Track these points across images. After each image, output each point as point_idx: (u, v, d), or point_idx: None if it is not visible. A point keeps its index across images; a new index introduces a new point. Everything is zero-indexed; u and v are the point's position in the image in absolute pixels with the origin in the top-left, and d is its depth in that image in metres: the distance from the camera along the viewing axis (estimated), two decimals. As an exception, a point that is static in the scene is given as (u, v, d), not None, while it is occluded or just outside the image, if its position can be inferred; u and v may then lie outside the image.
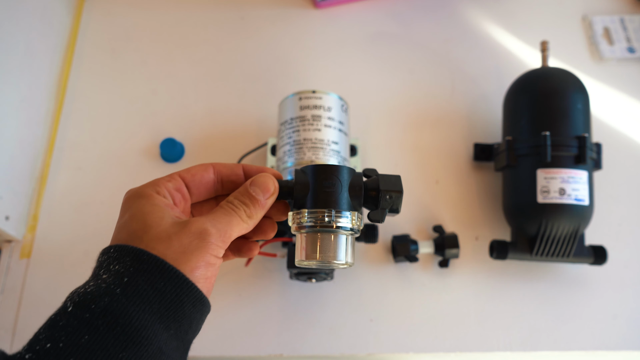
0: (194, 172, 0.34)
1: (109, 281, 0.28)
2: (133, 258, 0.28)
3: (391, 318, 0.55)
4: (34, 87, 0.63)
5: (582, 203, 0.52)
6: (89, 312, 0.27)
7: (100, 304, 0.27)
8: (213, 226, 0.31)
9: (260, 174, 0.35)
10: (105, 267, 0.29)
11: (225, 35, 0.72)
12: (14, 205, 0.58)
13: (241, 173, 0.36)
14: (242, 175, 0.36)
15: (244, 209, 0.33)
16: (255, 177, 0.34)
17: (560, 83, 0.56)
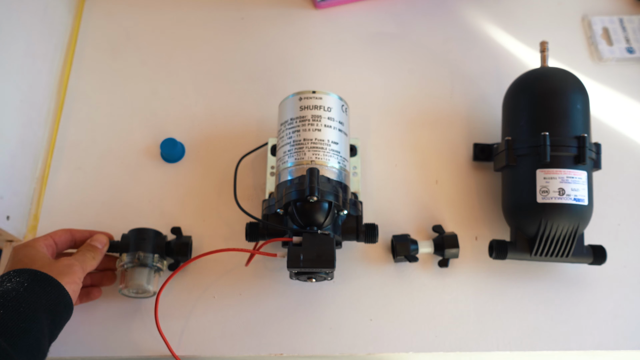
0: (60, 234, 0.53)
1: (15, 287, 0.43)
2: (30, 274, 0.45)
3: (391, 318, 0.55)
4: (35, 87, 0.63)
5: (582, 203, 0.52)
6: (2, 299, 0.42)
7: (10, 295, 0.42)
8: (76, 260, 0.50)
9: (98, 234, 0.54)
10: (7, 280, 0.44)
11: (226, 35, 0.72)
12: (15, 205, 0.58)
13: (88, 235, 0.54)
14: (89, 236, 0.54)
15: (91, 253, 0.52)
16: (95, 235, 0.54)
17: (560, 83, 0.56)
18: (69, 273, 0.48)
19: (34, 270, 0.46)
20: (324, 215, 0.50)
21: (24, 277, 0.45)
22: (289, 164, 0.53)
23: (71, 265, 0.48)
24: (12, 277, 0.45)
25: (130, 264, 0.52)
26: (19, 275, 0.45)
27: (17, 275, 0.45)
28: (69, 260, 0.49)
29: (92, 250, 0.52)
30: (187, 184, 0.62)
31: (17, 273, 0.45)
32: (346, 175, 0.54)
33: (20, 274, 0.45)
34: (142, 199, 0.61)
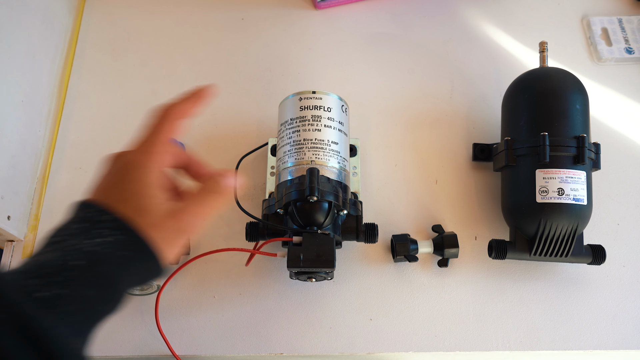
0: (177, 157, 0.39)
1: (107, 253, 0.31)
2: (135, 243, 0.32)
3: (391, 317, 0.55)
4: (35, 88, 0.63)
5: (581, 203, 0.52)
6: (96, 271, 0.31)
7: (103, 269, 0.31)
8: (196, 217, 0.35)
9: (226, 172, 0.38)
10: (99, 229, 0.32)
11: (226, 36, 0.72)
12: (16, 205, 0.58)
13: (201, 168, 0.40)
14: (202, 170, 0.40)
15: (217, 203, 0.37)
16: (222, 173, 0.38)
17: (559, 83, 0.56)
18: (178, 245, 0.34)
19: (140, 239, 0.32)
20: (324, 215, 0.50)
21: (125, 243, 0.32)
22: (289, 164, 0.53)
23: (184, 233, 0.35)
24: (108, 230, 0.32)
25: None
26: (119, 232, 0.32)
27: (117, 231, 0.32)
28: (188, 217, 0.35)
29: (220, 198, 0.37)
30: (187, 184, 0.62)
31: (118, 227, 0.32)
32: (346, 175, 0.54)
33: (121, 230, 0.32)
34: (142, 199, 0.61)
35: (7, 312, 0.27)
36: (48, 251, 0.32)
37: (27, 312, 0.27)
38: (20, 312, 0.27)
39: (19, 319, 0.27)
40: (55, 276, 0.30)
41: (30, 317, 0.27)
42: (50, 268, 0.30)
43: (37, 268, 0.30)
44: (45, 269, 0.30)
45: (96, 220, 0.33)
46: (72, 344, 0.29)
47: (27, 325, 0.27)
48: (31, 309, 0.28)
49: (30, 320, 0.27)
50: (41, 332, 0.27)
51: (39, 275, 0.30)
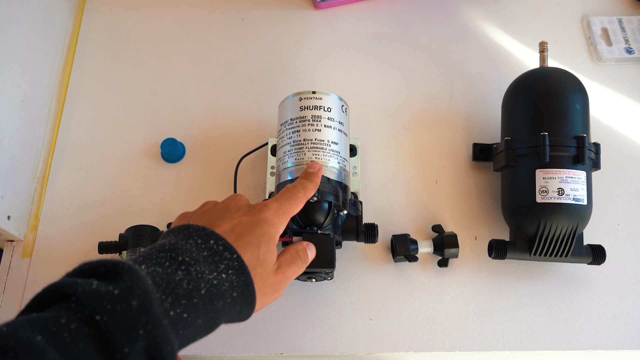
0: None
1: (226, 290, 0.35)
2: (244, 285, 0.36)
3: (391, 317, 0.55)
4: (36, 88, 0.63)
5: (581, 203, 0.52)
6: (212, 304, 0.34)
7: (217, 305, 0.34)
8: (284, 284, 0.41)
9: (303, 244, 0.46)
10: (225, 263, 0.35)
11: (226, 36, 0.72)
12: (16, 205, 0.58)
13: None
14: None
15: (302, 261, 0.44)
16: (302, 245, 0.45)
17: (559, 83, 0.56)
18: (270, 298, 0.39)
19: (252, 289, 0.36)
20: (324, 215, 0.50)
21: (238, 286, 0.35)
22: (289, 164, 0.53)
23: (281, 286, 0.40)
24: (230, 269, 0.35)
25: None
26: (237, 275, 0.35)
27: (236, 272, 0.35)
28: (284, 278, 0.40)
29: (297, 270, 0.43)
30: (188, 184, 0.62)
31: (238, 270, 0.35)
32: (346, 175, 0.54)
33: (241, 274, 0.35)
34: (142, 199, 0.61)
35: (150, 325, 0.28)
36: (176, 269, 0.33)
37: (164, 334, 0.29)
38: (159, 332, 0.29)
39: (156, 338, 0.28)
40: (182, 299, 0.32)
41: (165, 339, 0.29)
42: (180, 290, 0.32)
43: (168, 285, 0.32)
44: (177, 290, 0.32)
45: (220, 255, 0.35)
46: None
47: (159, 347, 0.28)
48: (166, 331, 0.29)
49: (165, 343, 0.29)
50: (167, 357, 0.29)
51: (171, 293, 0.31)
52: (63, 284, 0.29)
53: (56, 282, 0.30)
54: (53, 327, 0.27)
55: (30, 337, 0.26)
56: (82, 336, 0.27)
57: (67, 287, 0.29)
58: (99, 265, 0.31)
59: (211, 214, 0.41)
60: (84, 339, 0.27)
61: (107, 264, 0.31)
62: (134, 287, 0.29)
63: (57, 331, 0.27)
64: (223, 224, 0.38)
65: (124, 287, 0.29)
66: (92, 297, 0.28)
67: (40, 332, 0.26)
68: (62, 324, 0.27)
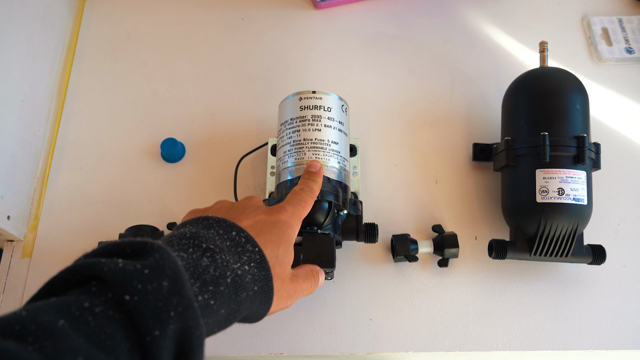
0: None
1: (247, 281, 0.33)
2: (264, 279, 0.35)
3: (391, 317, 0.55)
4: (35, 88, 0.63)
5: (581, 203, 0.52)
6: (236, 295, 0.33)
7: (241, 295, 0.33)
8: (298, 295, 0.41)
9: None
10: (248, 255, 0.34)
11: (226, 35, 0.72)
12: (16, 204, 0.58)
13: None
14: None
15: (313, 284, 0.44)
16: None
17: (559, 83, 0.56)
18: (287, 305, 0.39)
19: (271, 284, 0.36)
20: (324, 215, 0.50)
21: (259, 280, 0.35)
22: (289, 163, 0.53)
23: (293, 299, 0.40)
24: (253, 262, 0.34)
25: None
26: (259, 269, 0.35)
27: (258, 266, 0.35)
28: (300, 287, 0.41)
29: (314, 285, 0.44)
30: (188, 184, 0.62)
31: (260, 264, 0.35)
32: (346, 175, 0.54)
33: (262, 268, 0.35)
34: (142, 199, 0.61)
35: (181, 307, 0.27)
36: (201, 255, 0.32)
37: (195, 317, 0.27)
38: (190, 315, 0.27)
39: (187, 321, 0.27)
40: (210, 285, 0.31)
41: (196, 323, 0.27)
42: (208, 275, 0.31)
43: (195, 270, 0.30)
44: (204, 275, 0.31)
45: (242, 246, 0.35)
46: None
47: (190, 331, 0.27)
48: (197, 314, 0.28)
49: (195, 327, 0.27)
50: (196, 342, 0.27)
51: (199, 278, 0.30)
52: (85, 264, 0.27)
53: (75, 263, 0.28)
54: (76, 310, 0.25)
55: (52, 321, 0.24)
56: (107, 319, 0.25)
57: (90, 267, 0.27)
58: (124, 245, 0.29)
59: (228, 211, 0.40)
60: (110, 323, 0.25)
61: (134, 243, 0.29)
62: (164, 266, 0.27)
63: (81, 315, 0.25)
64: (244, 219, 0.38)
65: (154, 266, 0.27)
66: (121, 276, 0.26)
67: (62, 316, 0.25)
68: (85, 307, 0.25)
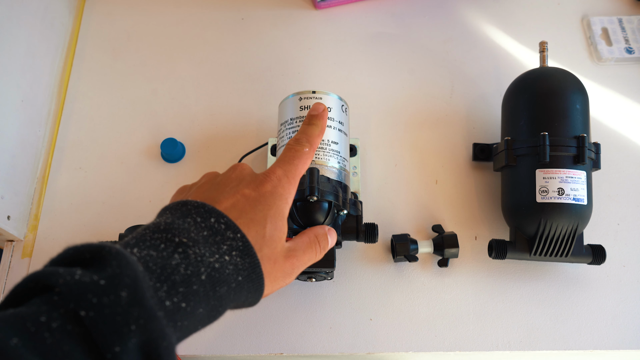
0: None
1: (230, 274, 0.31)
2: (250, 267, 0.32)
3: (391, 317, 0.55)
4: (35, 88, 0.63)
5: (581, 203, 0.52)
6: (214, 291, 0.30)
7: (221, 291, 0.31)
8: (298, 269, 0.37)
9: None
10: (226, 246, 0.32)
11: (226, 36, 0.73)
12: (16, 205, 0.58)
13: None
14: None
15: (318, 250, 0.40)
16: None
17: (559, 83, 0.56)
18: (284, 283, 0.36)
19: (259, 271, 0.33)
20: (324, 215, 0.50)
21: (244, 269, 0.32)
22: (289, 163, 0.53)
23: (291, 276, 0.37)
24: (233, 250, 0.32)
25: None
26: (242, 256, 0.32)
27: (241, 254, 0.32)
28: (297, 262, 0.37)
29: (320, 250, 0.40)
30: (188, 184, 0.62)
31: (243, 251, 0.32)
32: (346, 175, 0.54)
33: (245, 255, 0.32)
34: (142, 199, 0.61)
35: (143, 319, 0.25)
36: (172, 252, 0.29)
37: (160, 328, 0.26)
38: (154, 326, 0.26)
39: (151, 334, 0.25)
40: (180, 286, 0.28)
41: (162, 334, 0.26)
42: (177, 276, 0.28)
43: (163, 271, 0.28)
44: (173, 276, 0.28)
45: (222, 234, 0.32)
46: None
47: (155, 343, 0.25)
48: (162, 324, 0.26)
49: (161, 338, 0.26)
50: (165, 353, 0.26)
51: (167, 280, 0.28)
52: (43, 273, 0.25)
53: (37, 271, 0.26)
54: (32, 326, 0.23)
55: (4, 339, 0.22)
56: (65, 335, 0.24)
57: (48, 277, 0.25)
58: (83, 249, 0.27)
59: (210, 188, 0.37)
60: (69, 339, 0.24)
61: (92, 248, 0.27)
62: (122, 274, 0.25)
63: (37, 331, 0.23)
64: (224, 200, 0.35)
65: (111, 276, 0.25)
66: (75, 289, 0.24)
67: (16, 333, 0.23)
68: (42, 322, 0.24)
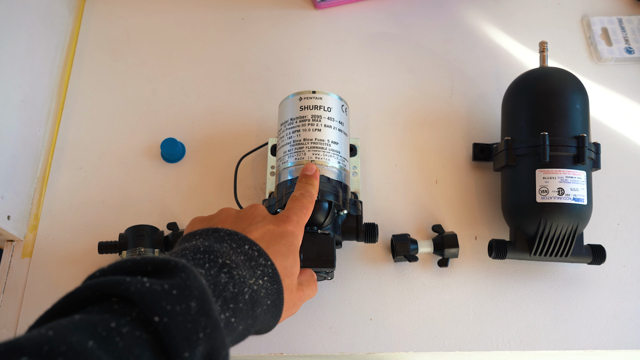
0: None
1: (264, 297, 0.34)
2: (276, 293, 0.35)
3: (391, 317, 0.55)
4: (36, 88, 0.63)
5: (581, 202, 0.52)
6: (253, 310, 0.33)
7: (257, 310, 0.33)
8: (302, 302, 0.41)
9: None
10: (260, 269, 0.35)
11: (226, 36, 0.73)
12: (16, 204, 0.58)
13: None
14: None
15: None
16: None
17: (559, 83, 0.56)
18: (290, 312, 0.39)
19: (282, 297, 0.36)
20: (324, 215, 0.50)
21: (272, 294, 0.35)
22: (289, 163, 0.53)
23: (298, 306, 0.40)
24: (266, 276, 0.35)
25: None
26: (271, 282, 0.35)
27: (271, 280, 0.35)
28: (305, 295, 0.41)
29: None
30: (188, 184, 0.62)
31: (273, 278, 0.35)
32: (346, 175, 0.54)
33: (274, 282, 0.35)
34: (142, 199, 0.61)
35: (210, 328, 0.27)
36: (218, 271, 0.31)
37: (222, 338, 0.28)
38: (218, 336, 0.27)
39: (215, 342, 0.27)
40: (230, 303, 0.31)
41: (223, 344, 0.28)
42: (228, 293, 0.31)
43: (216, 287, 0.30)
44: (224, 292, 0.31)
45: (256, 260, 0.35)
46: None
47: (217, 352, 0.27)
48: (224, 334, 0.28)
49: (222, 347, 0.28)
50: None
51: (220, 296, 0.30)
52: (109, 282, 0.27)
53: (97, 280, 0.27)
54: (103, 330, 0.25)
55: (81, 342, 0.23)
56: (135, 340, 0.25)
57: (115, 285, 0.26)
58: (145, 262, 0.28)
59: (236, 220, 0.40)
60: (138, 344, 0.25)
61: (157, 261, 0.28)
62: (192, 287, 0.27)
63: (108, 335, 0.25)
64: (253, 231, 0.38)
65: (182, 286, 0.27)
66: (149, 296, 0.26)
67: (90, 337, 0.24)
68: (112, 327, 0.25)
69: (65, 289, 0.30)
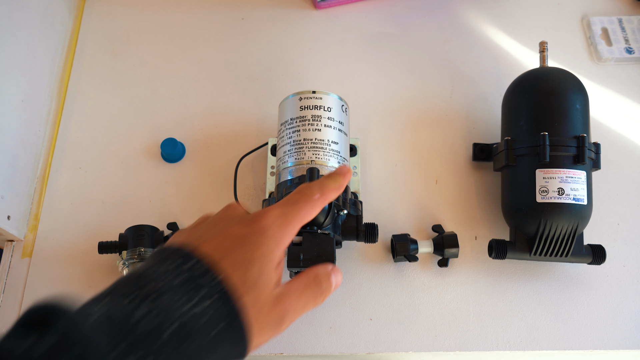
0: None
1: (205, 327, 0.28)
2: (229, 315, 0.29)
3: (391, 317, 0.55)
4: (35, 87, 0.63)
5: (581, 202, 0.52)
6: (185, 347, 0.27)
7: (192, 347, 0.27)
8: (291, 316, 0.32)
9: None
10: (206, 293, 0.28)
11: (226, 35, 0.73)
12: (16, 204, 0.58)
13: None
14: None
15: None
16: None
17: (559, 83, 0.56)
18: (272, 334, 0.31)
19: (240, 322, 0.29)
20: (324, 215, 0.50)
21: (223, 318, 0.29)
22: (289, 163, 0.53)
23: (281, 325, 0.32)
24: (208, 299, 0.28)
25: (132, 260, 0.53)
26: (220, 304, 0.29)
27: (219, 302, 0.29)
28: (285, 314, 0.32)
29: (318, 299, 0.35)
30: (188, 184, 0.62)
31: (221, 299, 0.29)
32: (346, 175, 0.54)
33: (224, 303, 0.29)
34: (142, 199, 0.61)
35: None
36: (139, 302, 0.27)
37: None
38: None
39: None
40: (144, 341, 0.26)
41: None
42: (141, 330, 0.26)
43: (126, 324, 0.26)
44: (136, 329, 0.26)
45: (198, 281, 0.29)
46: None
47: None
48: None
49: None
50: None
51: (130, 334, 0.26)
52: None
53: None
54: None
55: None
56: None
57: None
58: (32, 313, 0.26)
59: (200, 229, 0.34)
60: None
61: (40, 311, 0.26)
62: (70, 343, 0.24)
63: None
64: (210, 240, 0.31)
65: (55, 343, 0.24)
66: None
67: None
68: None
69: (65, 289, 0.30)
